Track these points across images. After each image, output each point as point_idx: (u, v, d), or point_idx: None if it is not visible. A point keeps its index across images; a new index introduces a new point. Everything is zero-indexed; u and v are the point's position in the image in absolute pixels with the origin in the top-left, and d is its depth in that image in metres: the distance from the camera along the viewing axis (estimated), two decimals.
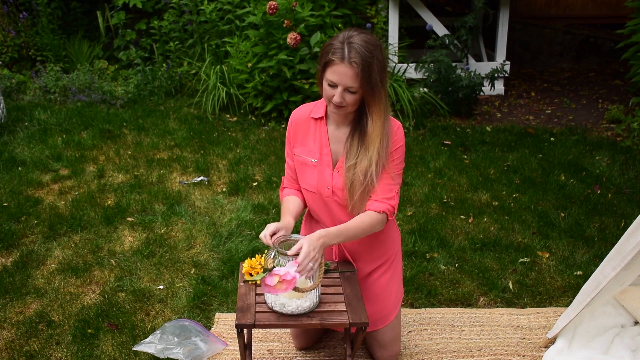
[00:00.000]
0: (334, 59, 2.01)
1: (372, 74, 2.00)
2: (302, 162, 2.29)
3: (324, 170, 2.24)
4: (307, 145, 2.27)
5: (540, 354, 2.63)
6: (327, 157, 2.24)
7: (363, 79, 2.00)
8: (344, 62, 1.99)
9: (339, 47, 2.01)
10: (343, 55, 1.99)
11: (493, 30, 6.43)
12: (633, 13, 5.05)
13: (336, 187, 2.22)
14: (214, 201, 3.93)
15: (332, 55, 2.01)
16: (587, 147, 4.83)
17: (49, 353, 2.61)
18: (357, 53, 1.98)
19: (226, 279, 3.11)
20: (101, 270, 3.20)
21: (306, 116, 2.28)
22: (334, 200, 2.25)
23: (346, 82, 2.02)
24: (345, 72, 2.00)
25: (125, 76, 6.31)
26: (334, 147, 2.24)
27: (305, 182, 2.30)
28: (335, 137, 2.24)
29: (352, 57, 1.98)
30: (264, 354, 2.63)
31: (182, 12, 6.28)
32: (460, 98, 5.49)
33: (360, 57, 1.98)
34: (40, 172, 4.31)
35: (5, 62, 6.40)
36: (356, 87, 2.03)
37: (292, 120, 2.32)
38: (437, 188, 4.14)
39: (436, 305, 2.98)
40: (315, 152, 2.25)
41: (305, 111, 2.30)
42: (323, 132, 2.25)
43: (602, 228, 3.63)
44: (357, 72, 1.99)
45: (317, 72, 2.13)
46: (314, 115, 2.27)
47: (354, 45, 1.99)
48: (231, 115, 5.53)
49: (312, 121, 2.27)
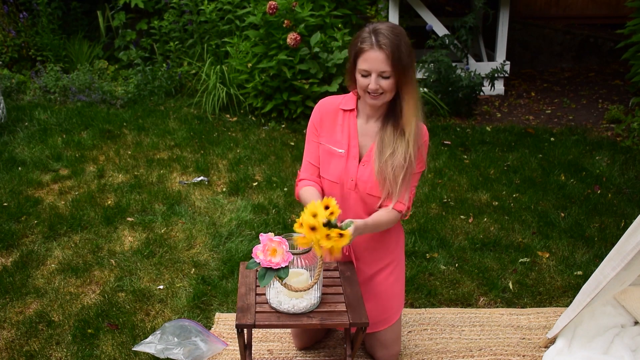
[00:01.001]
0: (364, 47, 2.08)
1: (402, 56, 2.07)
2: (328, 152, 2.30)
3: (350, 162, 2.26)
4: (334, 135, 2.29)
5: (540, 354, 2.63)
6: (355, 149, 2.26)
7: (394, 61, 2.07)
8: (373, 48, 2.07)
9: (367, 36, 2.09)
10: (372, 42, 2.07)
11: (493, 30, 6.43)
12: (633, 13, 5.05)
13: (360, 180, 2.24)
14: (214, 201, 3.93)
15: (361, 44, 2.09)
16: (587, 147, 4.83)
17: (49, 353, 2.61)
18: (385, 37, 2.06)
19: (226, 279, 3.11)
20: (101, 270, 3.20)
21: (334, 107, 2.30)
22: (355, 193, 2.27)
23: (379, 66, 2.07)
24: (377, 57, 2.07)
25: (125, 76, 6.31)
26: (361, 140, 2.27)
27: (329, 172, 2.30)
28: (364, 130, 2.27)
29: (380, 41, 2.06)
30: (264, 354, 2.63)
31: (182, 12, 6.28)
32: (460, 98, 5.49)
33: (388, 40, 2.06)
34: (40, 172, 4.31)
35: (5, 62, 6.40)
36: (389, 71, 2.08)
37: (320, 109, 2.33)
38: (437, 188, 4.14)
39: (436, 305, 2.98)
40: (343, 143, 2.26)
41: (334, 102, 2.32)
42: (353, 124, 2.27)
43: (602, 228, 3.63)
44: (387, 55, 2.06)
45: (348, 67, 2.19)
46: (343, 107, 2.29)
47: (381, 31, 2.08)
48: (231, 115, 5.53)
49: (340, 112, 2.29)
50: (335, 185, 2.29)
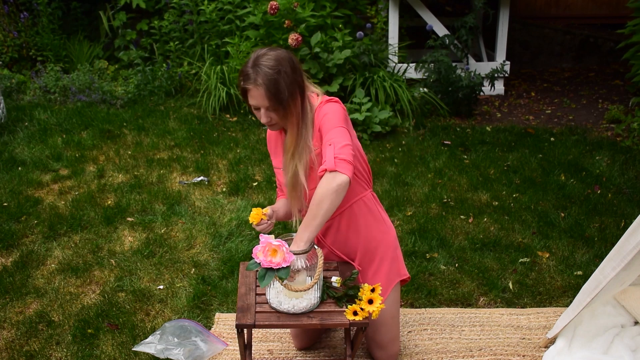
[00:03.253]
0: (247, 86, 2.11)
1: (279, 89, 2.08)
2: (279, 172, 2.38)
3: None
4: (278, 155, 2.37)
5: (540, 354, 2.63)
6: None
7: (271, 96, 2.09)
8: (254, 86, 2.09)
9: (248, 72, 2.10)
10: (251, 80, 2.09)
11: (493, 30, 6.43)
12: (633, 13, 5.05)
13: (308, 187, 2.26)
14: (214, 201, 3.94)
15: (243, 84, 2.12)
16: (587, 147, 4.83)
17: (49, 353, 2.61)
18: (263, 74, 2.08)
19: (226, 279, 3.11)
20: (101, 270, 3.20)
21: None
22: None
23: (262, 103, 2.12)
24: (257, 95, 2.10)
25: (125, 76, 6.31)
26: None
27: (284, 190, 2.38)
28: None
29: (257, 79, 2.08)
30: (264, 354, 2.63)
31: (182, 12, 6.28)
32: (460, 98, 5.49)
33: (265, 77, 2.07)
34: (40, 172, 4.31)
35: (5, 62, 6.41)
36: (272, 105, 2.12)
37: (267, 135, 2.45)
38: (437, 188, 4.14)
39: (436, 305, 2.98)
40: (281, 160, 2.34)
41: None
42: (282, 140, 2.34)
43: (602, 228, 3.63)
44: (264, 92, 2.08)
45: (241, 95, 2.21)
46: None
47: (260, 66, 2.09)
48: (231, 115, 5.53)
49: (278, 133, 2.37)
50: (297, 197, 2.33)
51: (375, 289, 2.09)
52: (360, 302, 2.07)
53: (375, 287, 2.09)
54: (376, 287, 2.09)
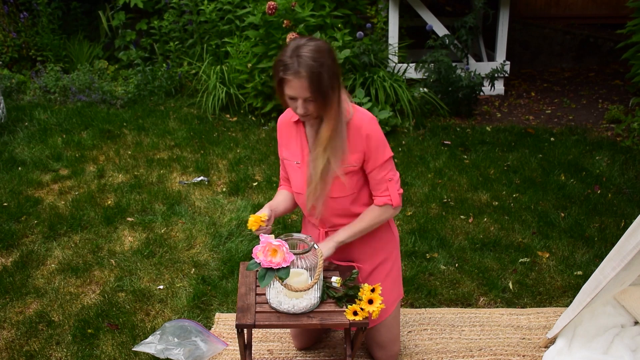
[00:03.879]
0: (286, 77, 2.07)
1: (322, 82, 2.06)
2: (290, 166, 2.35)
3: (306, 171, 2.28)
4: (291, 148, 2.33)
5: (540, 354, 2.63)
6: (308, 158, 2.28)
7: (313, 89, 2.06)
8: (295, 77, 2.05)
9: (288, 62, 2.06)
10: (293, 70, 2.05)
11: (493, 30, 6.43)
12: (633, 13, 5.05)
13: None
14: (214, 201, 3.93)
15: (283, 74, 2.07)
16: (587, 147, 4.83)
17: (49, 353, 2.61)
18: (305, 65, 2.04)
19: (226, 279, 3.11)
20: (101, 270, 3.20)
21: (288, 120, 2.34)
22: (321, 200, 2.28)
23: (302, 94, 2.08)
24: (298, 86, 2.06)
25: (125, 76, 6.31)
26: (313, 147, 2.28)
27: (294, 184, 2.35)
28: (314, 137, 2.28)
29: (300, 70, 2.04)
30: (264, 354, 2.63)
31: (182, 12, 6.29)
32: (460, 98, 5.49)
33: (308, 68, 2.04)
34: (40, 172, 4.31)
35: (5, 62, 6.41)
36: (311, 96, 2.09)
37: (278, 125, 2.40)
38: (437, 188, 4.14)
39: (436, 305, 2.98)
40: (298, 154, 2.30)
41: (287, 116, 2.36)
42: (302, 133, 2.30)
43: (602, 228, 3.63)
44: (307, 85, 2.05)
45: (275, 88, 2.18)
46: (294, 119, 2.32)
47: (302, 57, 2.05)
48: (231, 115, 5.53)
49: (293, 125, 2.33)
50: (302, 195, 2.32)
51: (375, 289, 2.09)
52: (360, 302, 2.07)
53: (375, 287, 2.09)
54: (376, 287, 2.09)
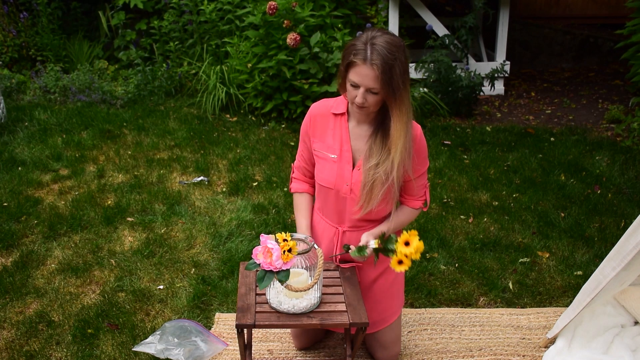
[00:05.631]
0: (356, 61, 2.01)
1: (393, 76, 2.00)
2: (322, 158, 2.28)
3: (343, 167, 2.23)
4: (326, 140, 2.26)
5: (540, 354, 2.63)
6: (348, 154, 2.23)
7: (384, 81, 2.00)
8: (365, 64, 1.99)
9: (362, 48, 2.00)
10: (365, 57, 1.99)
11: (493, 30, 6.43)
12: (633, 13, 5.05)
13: (355, 185, 2.22)
14: (214, 201, 3.93)
15: (354, 57, 2.01)
16: (587, 147, 4.83)
17: (49, 353, 2.61)
18: (379, 55, 1.98)
19: (226, 279, 3.11)
20: (101, 270, 3.20)
21: (326, 111, 2.27)
22: (351, 198, 2.25)
23: (368, 83, 2.02)
24: (367, 74, 2.00)
25: (125, 76, 6.31)
26: (354, 144, 2.24)
27: (323, 177, 2.28)
28: (356, 134, 2.24)
29: (373, 58, 1.98)
30: (264, 354, 2.63)
31: (182, 12, 6.28)
32: (460, 98, 5.49)
33: (382, 58, 1.97)
34: (40, 172, 4.31)
35: (5, 62, 6.40)
36: (378, 89, 2.03)
37: (312, 114, 2.30)
38: (437, 188, 4.14)
39: (436, 305, 2.98)
40: (336, 148, 2.24)
41: (326, 106, 2.28)
42: (344, 128, 2.24)
43: (602, 228, 3.63)
44: (378, 74, 1.99)
45: (340, 72, 2.14)
46: (334, 111, 2.25)
47: (377, 46, 1.99)
48: (231, 115, 5.53)
49: (332, 116, 2.26)
50: (330, 191, 2.27)
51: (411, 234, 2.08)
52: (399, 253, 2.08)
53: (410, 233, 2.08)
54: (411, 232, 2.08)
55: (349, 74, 2.06)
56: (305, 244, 2.12)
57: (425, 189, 2.35)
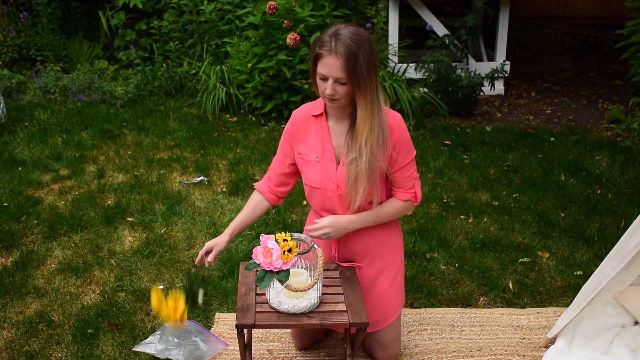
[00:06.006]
0: (322, 52, 2.07)
1: (357, 64, 2.05)
2: (305, 160, 2.31)
3: (327, 165, 2.26)
4: (309, 143, 2.29)
5: (540, 354, 2.63)
6: (330, 152, 2.26)
7: (348, 69, 2.05)
8: (330, 54, 2.05)
9: (327, 40, 2.07)
10: (330, 48, 2.05)
11: (493, 30, 6.43)
12: (633, 13, 5.05)
13: (341, 182, 2.24)
14: (214, 201, 3.93)
15: (319, 49, 2.08)
16: (587, 147, 4.83)
17: (49, 353, 2.61)
18: (342, 44, 2.04)
19: (226, 279, 3.11)
20: (101, 270, 3.20)
21: (306, 115, 2.31)
22: (338, 195, 2.26)
23: (335, 73, 2.06)
24: (332, 63, 2.05)
25: (125, 76, 6.31)
26: (335, 142, 2.27)
27: (309, 179, 2.31)
28: (336, 131, 2.26)
29: (337, 48, 2.04)
30: (264, 354, 2.63)
31: (182, 12, 6.29)
32: (460, 98, 5.49)
33: (345, 47, 2.04)
34: (40, 172, 4.31)
35: (5, 62, 6.41)
36: (345, 78, 2.07)
37: (293, 120, 2.35)
38: (437, 188, 4.14)
39: (436, 305, 2.98)
40: (318, 148, 2.27)
41: (305, 110, 2.33)
42: (324, 127, 2.27)
43: (602, 228, 3.63)
44: (343, 63, 2.04)
45: (310, 69, 2.18)
46: (313, 113, 2.30)
47: (341, 37, 2.05)
48: (231, 115, 5.53)
49: (312, 119, 2.30)
50: (318, 190, 2.30)
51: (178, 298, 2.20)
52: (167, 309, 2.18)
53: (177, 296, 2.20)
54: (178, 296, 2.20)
55: (317, 67, 2.11)
56: (305, 244, 2.12)
57: (414, 180, 2.33)
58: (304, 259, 2.10)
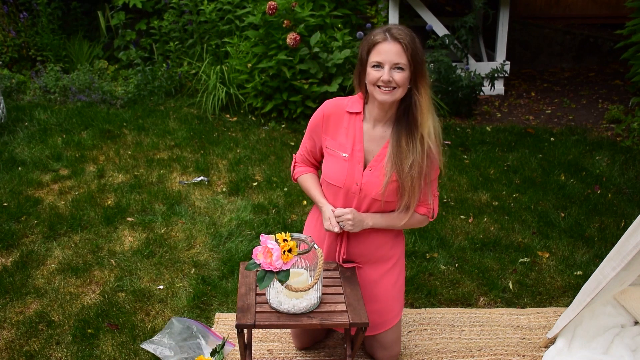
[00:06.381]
0: (378, 39, 2.07)
1: (416, 48, 2.07)
2: (331, 155, 2.27)
3: (354, 167, 2.23)
4: (338, 138, 2.25)
5: (540, 354, 2.63)
6: (359, 154, 2.22)
7: (411, 53, 2.06)
8: (388, 40, 2.07)
9: (380, 32, 2.09)
10: (386, 36, 2.07)
11: (493, 30, 6.43)
12: (633, 13, 5.05)
13: (365, 185, 2.21)
14: (214, 201, 3.93)
15: (374, 38, 2.08)
16: (587, 147, 4.83)
17: (49, 353, 2.61)
18: (398, 31, 2.07)
19: (226, 279, 3.11)
20: (101, 270, 3.20)
21: (340, 109, 2.26)
22: (359, 197, 2.25)
23: (392, 58, 2.07)
24: (390, 49, 2.06)
25: (125, 76, 6.31)
26: (367, 145, 2.23)
27: (332, 176, 2.26)
28: (370, 135, 2.23)
29: (395, 34, 2.07)
30: (264, 354, 2.63)
31: (182, 12, 6.28)
32: (460, 98, 5.49)
33: (403, 33, 2.07)
34: (40, 172, 4.31)
35: (5, 62, 6.40)
36: (404, 63, 2.07)
37: (325, 111, 2.28)
38: (437, 188, 4.14)
39: (436, 305, 2.98)
40: (347, 147, 2.23)
41: (340, 104, 2.28)
42: (358, 127, 2.23)
43: (602, 228, 3.63)
44: (403, 47, 2.05)
45: (356, 67, 2.16)
46: (350, 110, 2.25)
47: (393, 29, 2.09)
48: (231, 115, 5.53)
49: (346, 115, 2.25)
50: (339, 189, 2.26)
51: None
52: None
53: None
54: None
55: (370, 56, 2.10)
56: (305, 244, 2.12)
57: (434, 197, 2.34)
58: (304, 259, 2.10)
